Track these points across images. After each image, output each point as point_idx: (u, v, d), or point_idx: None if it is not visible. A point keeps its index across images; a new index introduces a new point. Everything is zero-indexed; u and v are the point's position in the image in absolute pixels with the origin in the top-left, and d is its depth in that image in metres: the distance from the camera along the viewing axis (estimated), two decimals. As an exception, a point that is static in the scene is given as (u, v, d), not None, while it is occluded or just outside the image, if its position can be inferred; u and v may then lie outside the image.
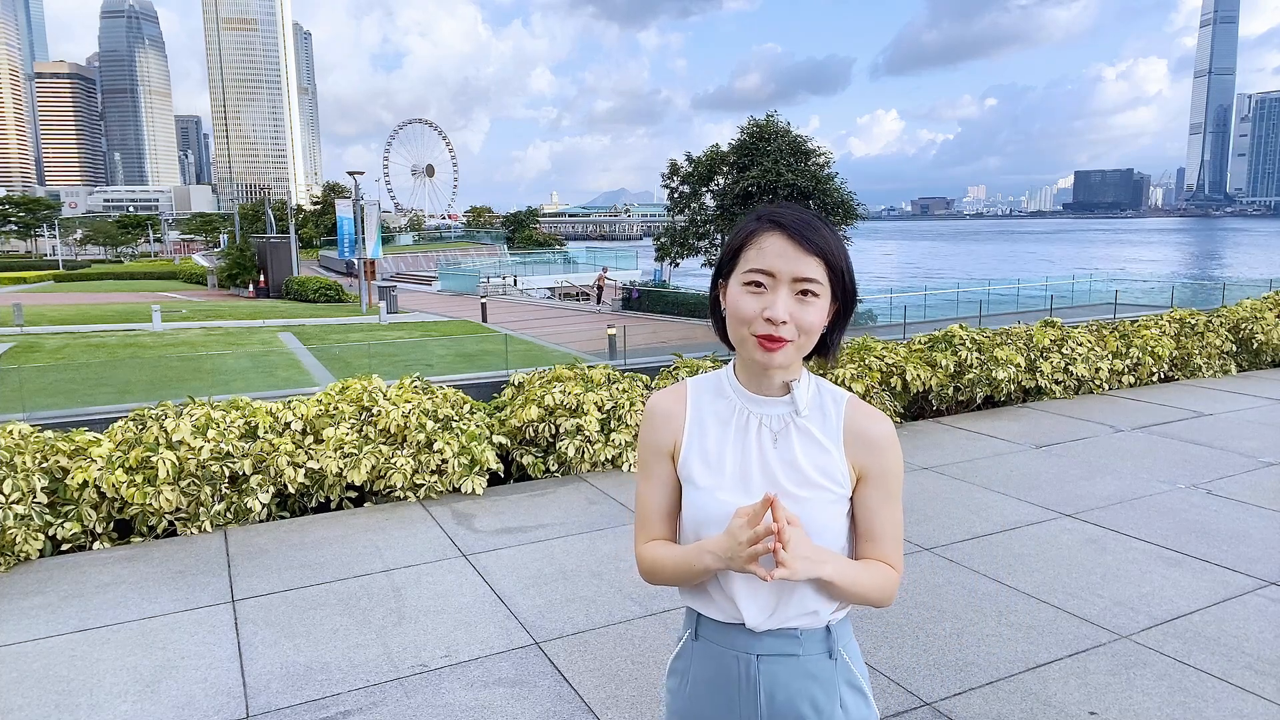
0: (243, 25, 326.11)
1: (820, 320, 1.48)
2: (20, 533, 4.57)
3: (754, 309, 1.45)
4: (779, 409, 1.55)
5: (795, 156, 34.55)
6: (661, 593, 4.25)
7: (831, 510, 1.52)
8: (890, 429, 1.57)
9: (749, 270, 1.46)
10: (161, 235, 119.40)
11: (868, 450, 1.53)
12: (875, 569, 1.54)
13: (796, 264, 1.43)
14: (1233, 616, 3.91)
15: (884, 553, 1.55)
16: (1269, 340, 10.08)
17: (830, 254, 1.45)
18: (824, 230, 1.46)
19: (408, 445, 5.68)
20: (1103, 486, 5.82)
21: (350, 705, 3.29)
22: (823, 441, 1.53)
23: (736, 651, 1.55)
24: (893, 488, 1.55)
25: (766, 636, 1.54)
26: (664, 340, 21.89)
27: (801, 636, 1.54)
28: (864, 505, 1.55)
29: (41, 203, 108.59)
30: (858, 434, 1.54)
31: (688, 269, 43.80)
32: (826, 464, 1.52)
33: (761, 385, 1.55)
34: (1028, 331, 8.66)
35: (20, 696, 3.36)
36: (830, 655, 1.56)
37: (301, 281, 38.13)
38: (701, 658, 1.60)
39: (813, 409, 1.55)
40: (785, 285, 1.44)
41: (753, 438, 1.54)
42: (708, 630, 1.60)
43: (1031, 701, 3.24)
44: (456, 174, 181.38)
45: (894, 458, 1.55)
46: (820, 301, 1.46)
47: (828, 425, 1.54)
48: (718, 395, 1.60)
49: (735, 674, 1.55)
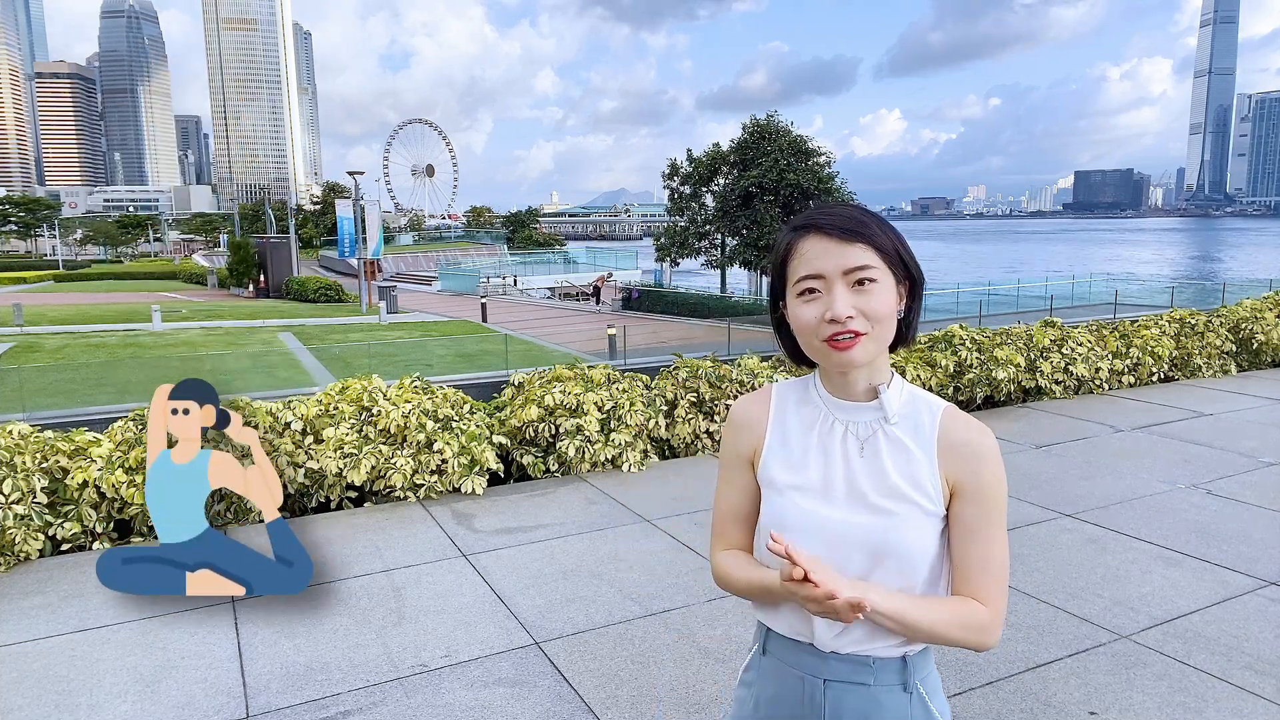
0: (243, 25, 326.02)
1: (889, 305, 1.38)
2: (20, 533, 4.57)
3: (814, 316, 1.38)
4: (866, 415, 1.45)
5: (796, 156, 34.55)
6: (661, 593, 4.25)
7: (923, 527, 1.40)
8: (992, 441, 1.43)
9: (799, 280, 1.40)
10: (161, 235, 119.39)
11: (964, 462, 1.41)
12: (956, 604, 1.38)
13: (842, 257, 1.36)
14: (1233, 616, 3.91)
15: (975, 587, 1.39)
16: (1269, 340, 10.08)
17: (875, 236, 1.38)
18: (863, 216, 1.40)
19: (408, 445, 5.68)
20: (1103, 486, 5.82)
21: (350, 705, 3.29)
22: (914, 450, 1.42)
23: (803, 673, 1.47)
24: (992, 508, 1.41)
25: (835, 660, 1.45)
26: (664, 340, 21.89)
27: (874, 665, 1.44)
28: (960, 526, 1.41)
29: (41, 203, 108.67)
30: (954, 444, 1.42)
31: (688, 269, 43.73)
32: (917, 474, 1.41)
33: (846, 390, 1.46)
34: (1028, 331, 8.66)
35: (20, 696, 3.36)
36: (905, 688, 1.44)
37: (301, 281, 38.15)
38: (769, 674, 1.53)
39: (903, 416, 1.45)
40: (839, 281, 1.37)
41: (837, 445, 1.46)
42: (775, 646, 1.52)
43: (1031, 701, 3.24)
44: (456, 174, 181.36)
45: (994, 472, 1.41)
46: (881, 286, 1.37)
47: (920, 433, 1.43)
48: (803, 401, 1.52)
49: (800, 696, 1.47)
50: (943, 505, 1.42)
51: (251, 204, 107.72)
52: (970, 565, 1.40)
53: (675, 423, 6.68)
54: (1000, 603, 1.40)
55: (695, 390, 6.86)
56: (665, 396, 6.78)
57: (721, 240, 36.95)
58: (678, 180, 37.73)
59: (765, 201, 34.05)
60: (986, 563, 1.40)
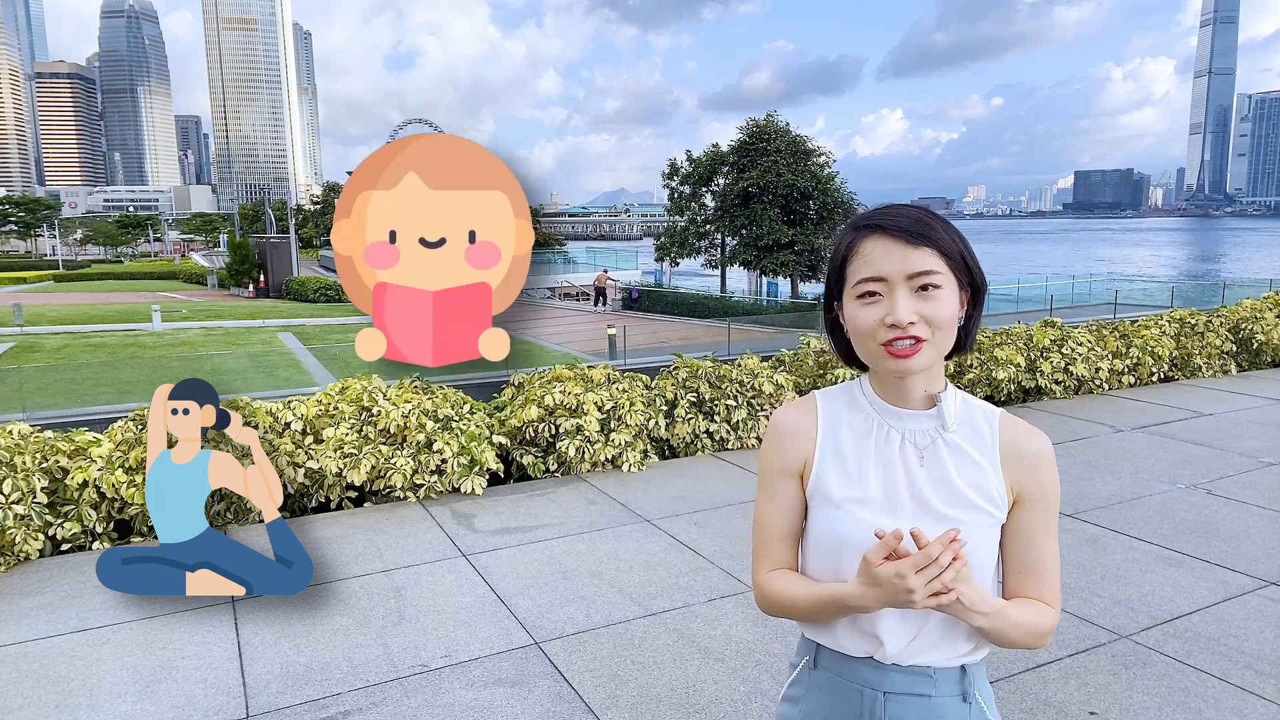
0: (243, 25, 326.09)
1: (952, 312, 1.34)
2: (20, 533, 4.57)
3: (874, 319, 1.33)
4: (923, 423, 1.41)
5: (795, 156, 34.56)
6: (662, 593, 4.25)
7: (988, 536, 1.38)
8: (1049, 447, 1.42)
9: (859, 282, 1.35)
10: (161, 235, 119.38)
11: (1026, 469, 1.39)
12: (1031, 610, 1.38)
13: (907, 260, 1.32)
14: (1233, 616, 3.91)
15: (1043, 590, 1.40)
16: (1269, 340, 10.08)
17: (941, 240, 1.33)
18: (928, 218, 1.35)
19: (407, 445, 5.68)
20: (1103, 486, 5.82)
21: (350, 705, 3.29)
22: (978, 459, 1.39)
23: (862, 686, 1.43)
24: (1052, 513, 1.41)
25: (896, 673, 1.41)
26: (664, 340, 21.88)
27: (935, 675, 1.41)
28: (1021, 533, 1.40)
29: (41, 203, 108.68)
30: (1016, 451, 1.40)
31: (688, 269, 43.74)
32: (984, 483, 1.38)
33: (901, 397, 1.41)
34: (1028, 331, 8.66)
35: (20, 696, 3.36)
36: (965, 699, 1.42)
37: (301, 281, 38.14)
38: (821, 689, 1.48)
39: (962, 423, 1.41)
40: (901, 285, 1.32)
41: (896, 454, 1.40)
42: (829, 660, 1.47)
43: (1031, 701, 3.24)
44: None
45: (1053, 478, 1.41)
46: (945, 293, 1.33)
47: (982, 441, 1.40)
48: (852, 408, 1.47)
49: (858, 710, 1.43)
50: (1005, 513, 1.41)
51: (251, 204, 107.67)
52: (1033, 569, 1.40)
53: (675, 423, 6.68)
54: (1059, 604, 1.41)
55: (695, 390, 6.86)
56: (665, 396, 6.78)
57: (721, 240, 36.96)
58: (677, 180, 37.74)
59: (764, 201, 34.06)
60: (1049, 567, 1.40)
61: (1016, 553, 1.41)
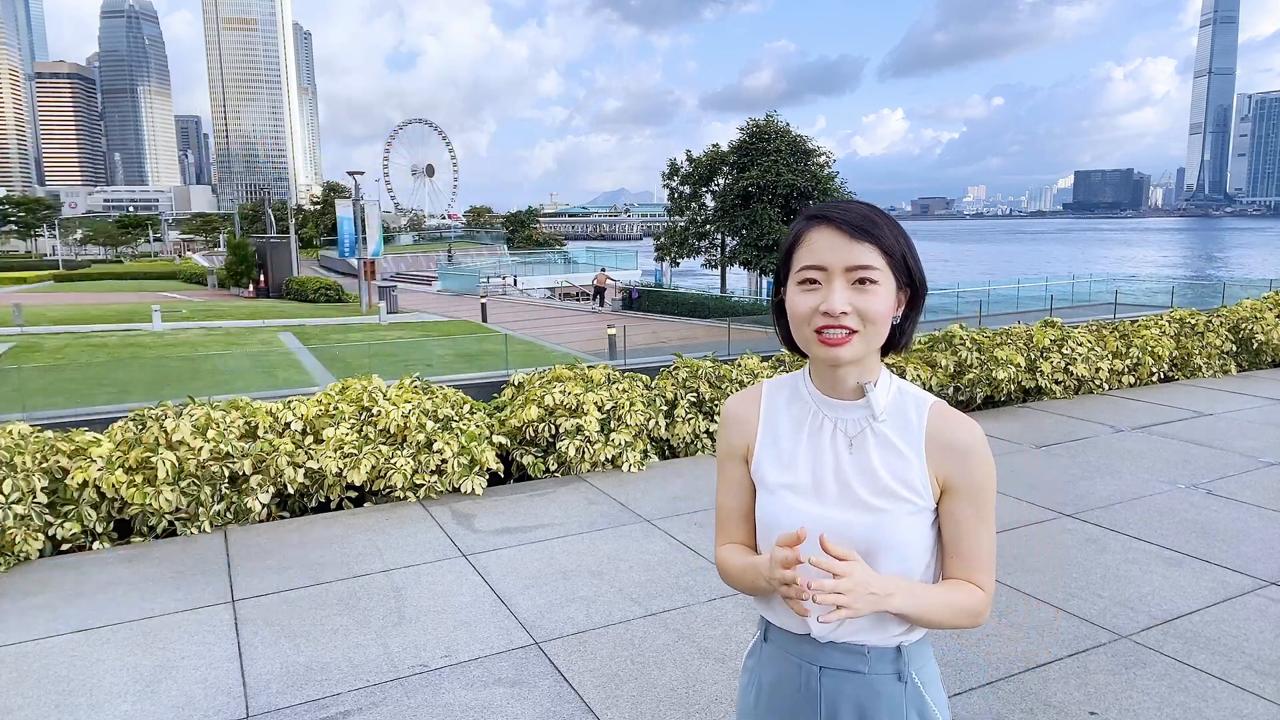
0: (243, 25, 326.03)
1: (885, 308, 1.38)
2: (20, 533, 4.57)
3: (810, 306, 1.39)
4: (855, 413, 1.47)
5: (795, 156, 34.55)
6: (662, 593, 4.25)
7: (912, 524, 1.43)
8: (980, 437, 1.45)
9: (801, 269, 1.41)
10: (161, 235, 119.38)
11: (954, 460, 1.43)
12: (957, 592, 1.44)
13: (848, 253, 1.37)
14: (1233, 616, 3.91)
15: (971, 572, 1.45)
16: (1269, 340, 10.08)
17: (884, 238, 1.38)
18: (875, 216, 1.40)
19: (408, 445, 5.68)
20: (1103, 486, 5.82)
21: (350, 705, 3.29)
22: (902, 449, 1.44)
23: (801, 660, 1.51)
24: (983, 502, 1.44)
25: (831, 649, 1.48)
26: (664, 340, 21.87)
27: (869, 653, 1.47)
28: (951, 520, 1.45)
29: (41, 203, 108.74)
30: (943, 442, 1.44)
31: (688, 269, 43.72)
32: (906, 473, 1.43)
33: (835, 388, 1.47)
34: (1028, 331, 8.66)
35: (20, 696, 3.36)
36: (899, 678, 1.47)
37: (301, 281, 38.11)
38: (770, 661, 1.57)
39: (892, 414, 1.46)
40: (839, 276, 1.37)
41: (827, 443, 1.47)
42: (775, 635, 1.56)
43: (1031, 701, 3.24)
44: (456, 174, 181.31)
45: (984, 469, 1.44)
46: (881, 289, 1.38)
47: (909, 432, 1.45)
48: (793, 398, 1.54)
49: (798, 682, 1.51)
50: (933, 500, 1.45)
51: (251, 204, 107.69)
52: (965, 554, 1.46)
53: (675, 423, 6.68)
54: (992, 585, 1.47)
55: (695, 390, 6.86)
56: (665, 396, 6.78)
57: (721, 240, 36.96)
58: (677, 180, 37.74)
59: (764, 201, 34.05)
60: (980, 552, 1.45)
61: (949, 538, 1.46)
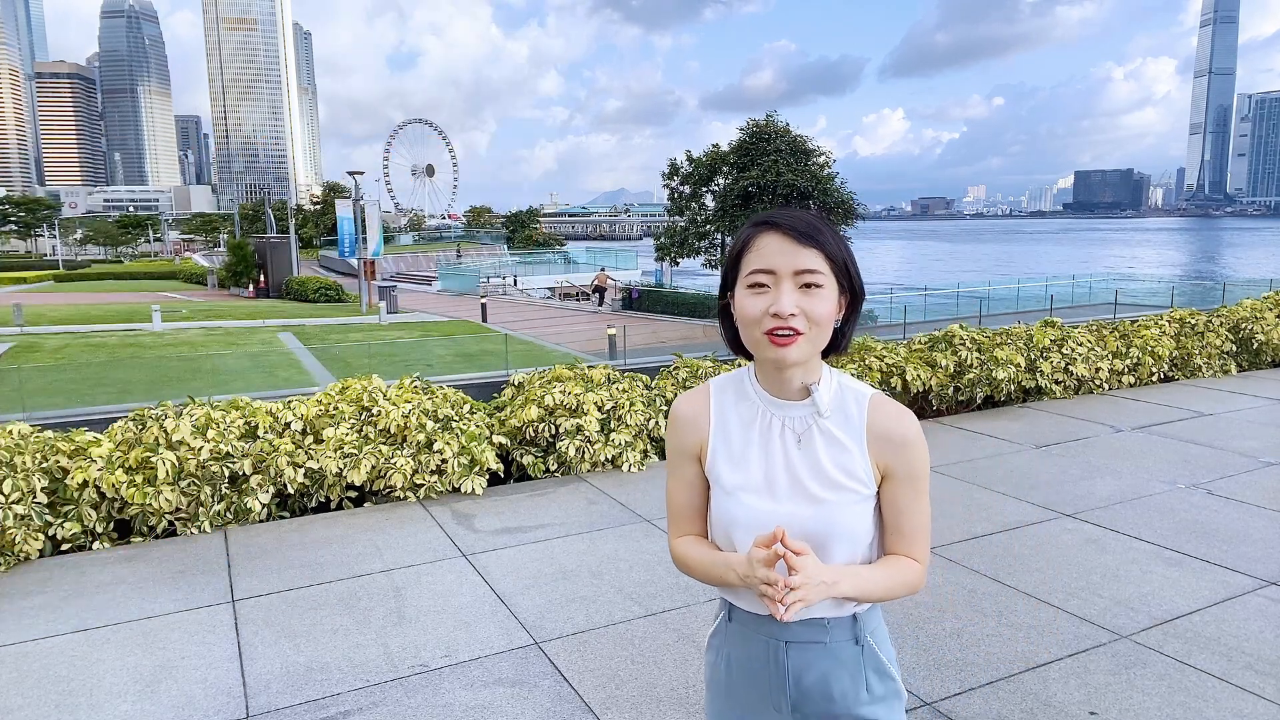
0: (243, 25, 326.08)
1: (829, 310, 1.48)
2: (20, 533, 4.57)
3: (760, 309, 1.47)
4: (801, 411, 1.56)
5: (795, 156, 34.53)
6: (661, 593, 4.25)
7: (857, 511, 1.54)
8: (914, 426, 1.56)
9: (750, 273, 1.48)
10: (161, 235, 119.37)
11: (892, 449, 1.54)
12: (895, 567, 1.56)
13: (795, 258, 1.45)
14: (1233, 616, 3.91)
15: (908, 547, 1.58)
16: (1269, 340, 10.08)
17: (828, 245, 1.47)
18: (819, 224, 1.49)
19: (408, 445, 5.68)
20: (1103, 486, 5.82)
21: (350, 705, 3.29)
22: (845, 442, 1.54)
23: (766, 636, 1.61)
24: (919, 484, 1.56)
25: (795, 625, 1.58)
26: (664, 340, 21.88)
27: (829, 625, 1.58)
28: (890, 503, 1.57)
29: (41, 203, 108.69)
30: (881, 433, 1.54)
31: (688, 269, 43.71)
32: (850, 465, 1.53)
33: (782, 388, 1.56)
34: (1028, 331, 8.66)
35: (20, 696, 3.36)
36: (857, 642, 1.60)
37: (301, 281, 38.10)
38: (734, 639, 1.66)
39: (835, 409, 1.56)
40: (788, 279, 1.45)
41: (776, 441, 1.56)
42: (739, 615, 1.65)
43: (1031, 701, 3.24)
44: (456, 174, 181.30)
45: (919, 455, 1.55)
46: (825, 292, 1.47)
47: (850, 425, 1.55)
48: (740, 397, 1.62)
49: (765, 657, 1.61)
50: (875, 487, 1.56)
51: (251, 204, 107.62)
52: (905, 532, 1.57)
53: (675, 423, 6.67)
54: (926, 556, 1.60)
55: (695, 390, 6.85)
56: (665, 396, 6.78)
57: (721, 240, 36.93)
58: (677, 180, 37.71)
59: (764, 201, 34.03)
60: (917, 529, 1.58)
61: (890, 518, 1.58)
